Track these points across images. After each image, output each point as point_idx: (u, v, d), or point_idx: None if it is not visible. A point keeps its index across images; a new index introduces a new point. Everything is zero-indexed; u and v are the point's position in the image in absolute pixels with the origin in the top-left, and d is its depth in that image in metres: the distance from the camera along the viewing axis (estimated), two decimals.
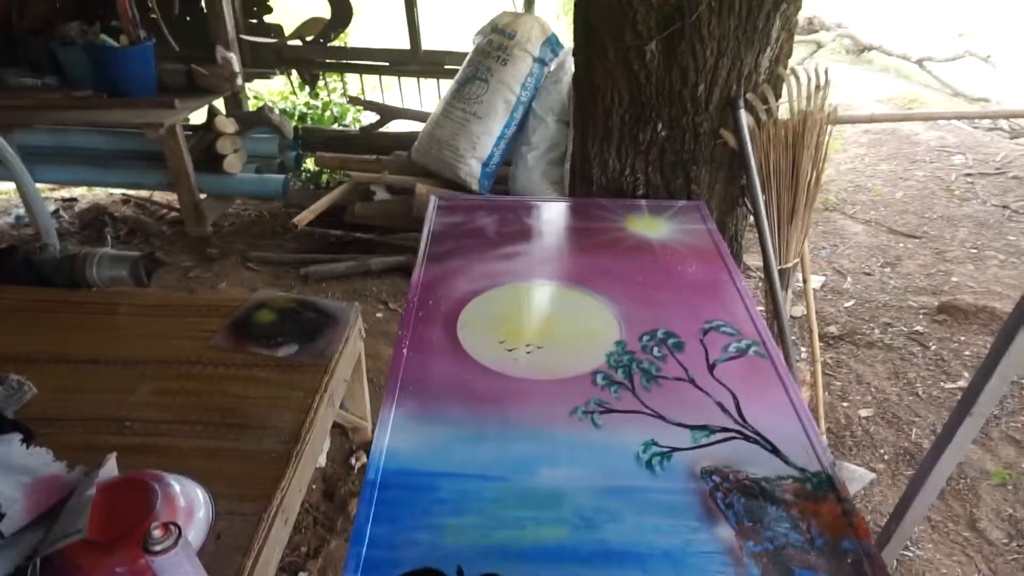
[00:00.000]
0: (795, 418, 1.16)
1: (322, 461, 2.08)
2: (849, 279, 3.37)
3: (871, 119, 4.63)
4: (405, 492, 1.00)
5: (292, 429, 1.55)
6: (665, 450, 1.08)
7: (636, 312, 1.39)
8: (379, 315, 2.86)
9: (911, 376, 2.64)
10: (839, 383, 2.60)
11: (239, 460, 1.46)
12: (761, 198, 1.76)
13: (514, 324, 1.36)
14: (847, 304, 3.14)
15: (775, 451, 1.09)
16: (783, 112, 1.80)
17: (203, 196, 3.50)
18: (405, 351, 1.27)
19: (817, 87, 1.82)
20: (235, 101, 3.99)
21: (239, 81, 3.93)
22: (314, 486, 2.01)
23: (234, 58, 3.71)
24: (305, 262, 3.25)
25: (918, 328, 2.94)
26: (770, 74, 1.76)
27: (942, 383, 2.61)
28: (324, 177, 4.10)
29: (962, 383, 2.60)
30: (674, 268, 1.54)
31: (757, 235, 1.84)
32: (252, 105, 4.26)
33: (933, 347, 2.81)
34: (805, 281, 2.01)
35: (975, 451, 2.30)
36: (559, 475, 1.04)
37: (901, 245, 3.71)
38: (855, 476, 2.18)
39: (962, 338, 2.86)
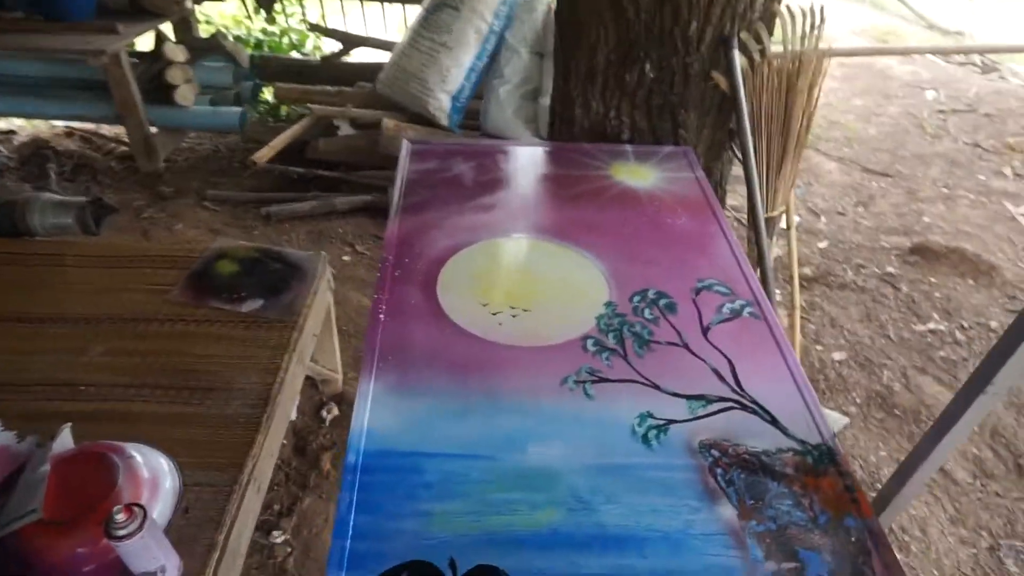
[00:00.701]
0: (793, 385, 1.12)
1: (292, 414, 2.01)
2: (823, 219, 3.34)
3: (852, 53, 4.53)
4: (388, 475, 0.94)
5: (261, 391, 1.47)
6: (661, 423, 1.03)
7: (625, 269, 1.32)
8: (346, 258, 2.75)
9: (883, 318, 2.66)
10: (813, 326, 2.60)
11: (205, 426, 1.39)
12: (751, 144, 1.68)
13: (497, 285, 1.28)
14: (821, 245, 3.13)
15: (774, 422, 1.05)
16: (776, 52, 1.69)
17: (153, 130, 3.27)
18: (382, 316, 1.18)
19: (812, 25, 1.72)
20: (185, 26, 3.70)
21: (188, 4, 3.64)
22: (285, 441, 1.95)
23: None
24: (266, 201, 3.09)
25: (890, 269, 2.94)
26: (764, 11, 1.65)
27: (913, 325, 2.62)
28: (284, 109, 3.87)
29: (932, 325, 2.63)
30: (663, 220, 1.46)
31: (744, 181, 1.77)
32: (204, 31, 3.96)
33: (904, 289, 2.82)
34: (789, 227, 1.96)
35: (943, 393, 2.33)
36: (551, 453, 0.98)
37: (874, 184, 3.69)
38: (830, 420, 2.20)
39: (932, 280, 2.87)
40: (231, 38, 3.65)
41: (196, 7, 3.91)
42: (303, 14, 4.32)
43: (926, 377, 2.39)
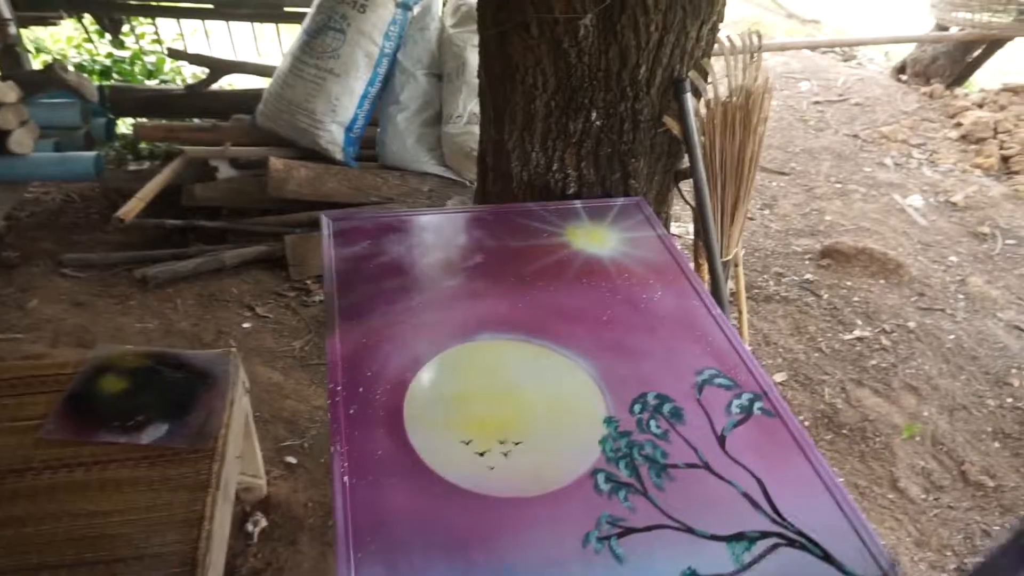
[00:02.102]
0: (830, 498, 0.99)
1: None
2: None
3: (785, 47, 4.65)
4: None
5: (184, 552, 1.19)
6: None
7: (614, 368, 1.15)
8: (246, 325, 2.41)
9: (812, 330, 2.66)
10: (750, 346, 2.56)
11: None
12: (707, 190, 1.56)
13: (476, 411, 1.07)
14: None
15: (827, 558, 0.92)
16: (721, 89, 1.58)
17: None
18: (347, 479, 0.95)
19: (751, 56, 1.62)
20: (11, 57, 3.16)
21: (11, 29, 3.12)
22: None
23: None
24: (139, 261, 2.68)
25: (808, 276, 2.97)
26: (708, 46, 1.53)
27: (840, 334, 2.65)
28: (143, 146, 3.41)
29: (857, 332, 2.66)
30: (638, 297, 1.31)
31: (696, 225, 1.66)
32: (37, 61, 3.41)
33: (825, 296, 2.84)
34: (737, 265, 1.87)
35: (882, 405, 2.36)
36: None
37: (775, 184, 3.75)
38: None
39: (848, 283, 2.92)
40: (71, 67, 3.15)
41: (22, 33, 3.36)
42: (156, 34, 3.82)
43: (864, 389, 2.40)
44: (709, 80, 1.53)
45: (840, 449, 2.20)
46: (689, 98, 1.47)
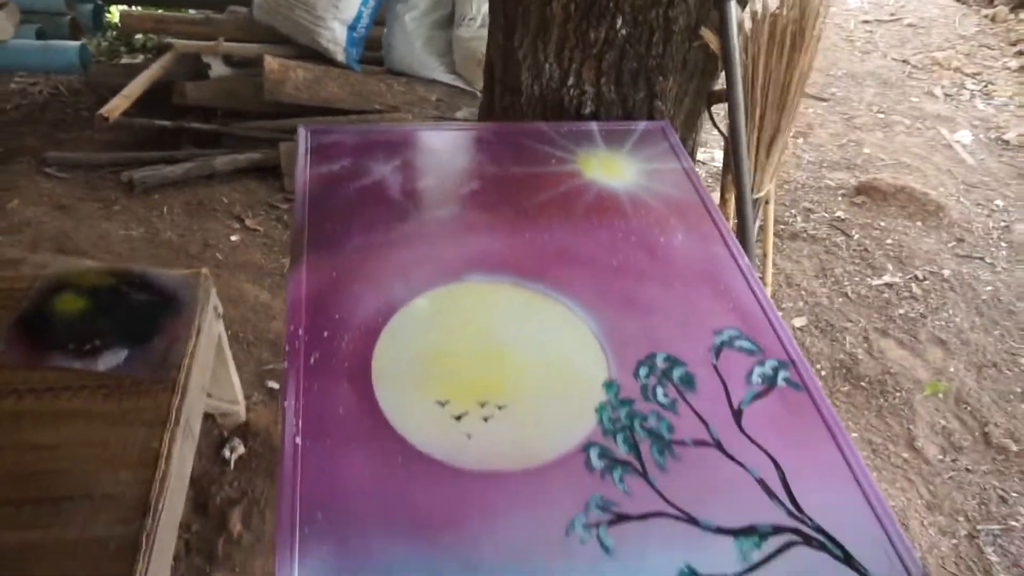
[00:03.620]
0: (857, 490, 0.86)
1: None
2: None
3: None
4: None
5: (137, 494, 1.10)
6: None
7: (620, 323, 1.00)
8: (234, 238, 2.27)
9: (838, 272, 2.49)
10: (770, 289, 2.40)
11: (60, 560, 1.01)
12: (743, 117, 1.36)
13: (455, 368, 0.93)
14: None
15: (849, 560, 0.79)
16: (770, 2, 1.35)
17: None
18: (299, 440, 0.82)
19: None
20: None
21: None
22: None
23: None
24: (126, 163, 2.52)
25: (839, 213, 2.76)
26: None
27: (869, 279, 2.47)
28: (138, 38, 3.18)
29: (887, 278, 2.48)
30: (655, 240, 1.14)
31: (729, 157, 1.47)
32: None
33: (856, 236, 2.65)
34: (768, 202, 1.69)
35: (906, 357, 2.21)
36: None
37: (811, 110, 3.48)
38: None
39: (882, 223, 2.72)
40: None
41: None
42: None
43: (888, 340, 2.25)
44: None
45: (856, 403, 2.07)
46: (733, 7, 1.25)
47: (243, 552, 1.52)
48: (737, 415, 0.91)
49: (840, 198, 2.86)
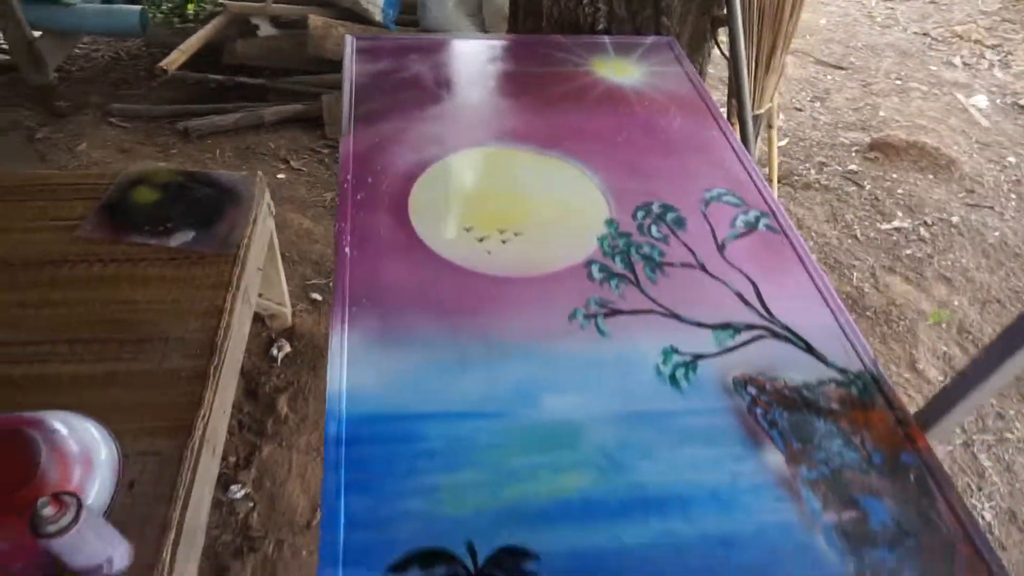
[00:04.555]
0: (824, 306, 1.00)
1: None
2: (781, 115, 3.22)
3: None
4: (381, 446, 0.78)
5: (204, 339, 1.27)
6: (688, 359, 0.90)
7: (623, 181, 1.15)
8: (281, 176, 2.47)
9: (848, 218, 2.60)
10: None
11: (142, 386, 1.19)
12: (742, 34, 1.50)
13: (480, 204, 1.10)
14: (781, 143, 3.02)
15: (810, 349, 0.93)
16: None
17: (37, 34, 2.82)
18: (348, 250, 0.99)
19: None
20: None
21: None
22: None
23: None
24: (182, 115, 2.74)
25: (852, 167, 2.87)
26: None
27: (878, 224, 2.58)
28: (190, 7, 3.42)
29: (896, 223, 2.59)
30: (657, 123, 1.29)
31: (731, 74, 1.61)
32: None
33: (868, 186, 2.75)
34: (772, 126, 1.82)
35: (911, 292, 2.31)
36: (569, 403, 0.84)
37: (829, 77, 3.57)
38: None
39: (894, 176, 2.82)
40: None
41: None
42: None
43: (894, 277, 2.36)
44: None
45: (862, 329, 2.18)
46: None
47: (289, 430, 1.69)
48: (721, 247, 1.06)
49: (854, 154, 2.97)
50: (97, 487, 1.01)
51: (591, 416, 0.83)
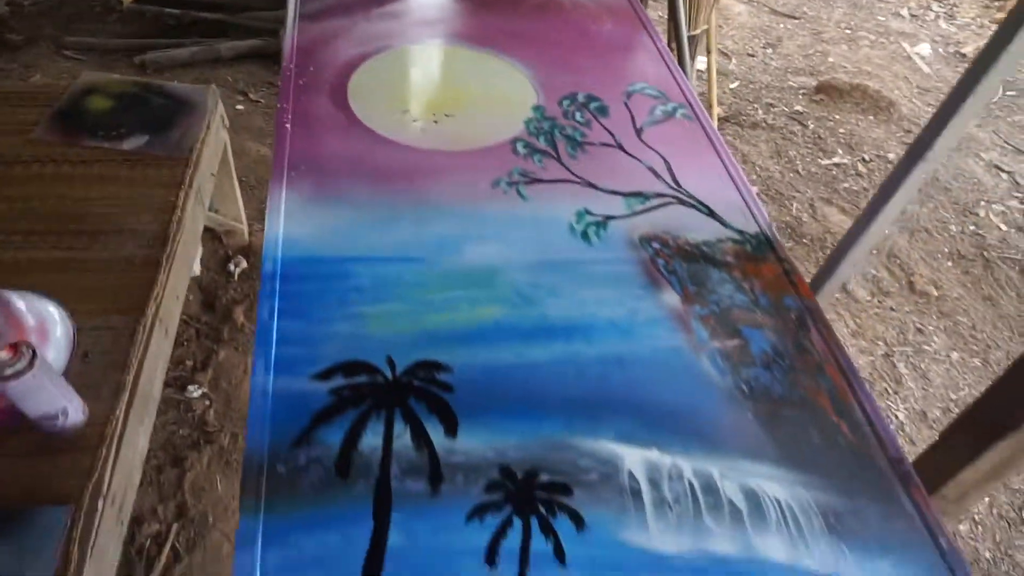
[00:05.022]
0: (729, 181, 1.09)
1: (196, 269, 1.86)
2: (734, 60, 3.31)
3: None
4: (313, 283, 0.85)
5: (157, 231, 1.33)
6: (600, 219, 0.99)
7: (553, 76, 1.23)
8: (240, 107, 2.50)
9: (792, 154, 2.71)
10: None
11: (97, 271, 1.25)
12: None
13: (416, 91, 1.17)
14: (732, 85, 3.11)
15: (712, 214, 1.03)
16: None
17: None
18: (288, 126, 1.06)
19: None
20: None
21: None
22: (191, 296, 1.82)
23: None
24: (138, 48, 2.74)
25: (798, 108, 2.98)
26: None
27: (819, 160, 2.69)
28: None
29: (836, 159, 2.70)
30: (589, 27, 1.37)
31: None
32: None
33: (812, 126, 2.87)
34: (709, 52, 1.90)
35: (846, 221, 2.43)
36: (488, 252, 0.92)
37: (782, 26, 3.66)
38: None
39: (837, 116, 2.93)
40: None
41: None
42: None
43: (831, 207, 2.48)
44: None
45: (798, 255, 2.30)
46: None
47: (245, 337, 1.76)
48: (639, 131, 1.15)
49: (801, 96, 3.07)
50: (52, 354, 1.08)
51: (507, 262, 0.91)
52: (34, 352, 0.90)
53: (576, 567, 0.65)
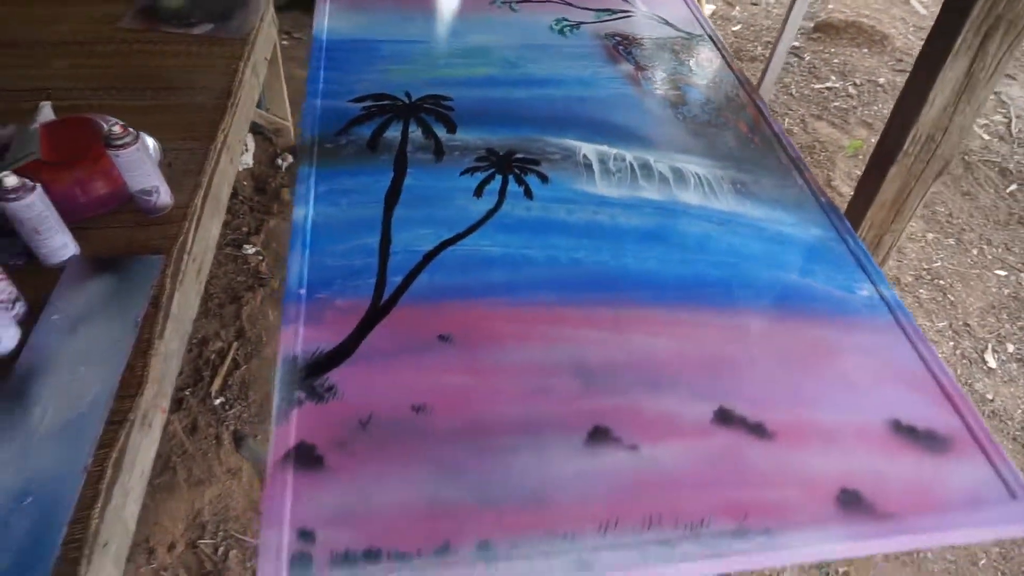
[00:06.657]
0: (687, 9, 1.34)
1: (248, 161, 2.16)
2: (737, 8, 3.54)
3: None
4: (350, 52, 1.13)
5: (222, 87, 1.60)
6: (574, 23, 1.24)
7: None
8: (285, 42, 2.81)
9: (787, 81, 2.92)
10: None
11: (175, 112, 1.53)
12: None
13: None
14: (734, 28, 3.33)
15: (666, 22, 1.27)
16: None
17: None
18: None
19: None
20: None
21: None
22: (245, 183, 2.11)
23: None
24: None
25: (796, 44, 3.18)
26: None
27: (813, 84, 2.90)
28: None
29: (829, 84, 2.91)
30: None
31: None
32: None
33: (808, 58, 3.07)
34: None
35: (834, 133, 2.64)
36: (484, 39, 1.18)
37: None
38: None
39: (832, 49, 3.13)
40: None
41: None
42: None
43: (821, 122, 2.68)
44: None
45: None
46: None
47: (290, 210, 2.04)
48: None
49: (800, 36, 3.28)
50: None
51: (499, 44, 1.17)
52: (138, 134, 1.18)
53: (541, 201, 0.90)
